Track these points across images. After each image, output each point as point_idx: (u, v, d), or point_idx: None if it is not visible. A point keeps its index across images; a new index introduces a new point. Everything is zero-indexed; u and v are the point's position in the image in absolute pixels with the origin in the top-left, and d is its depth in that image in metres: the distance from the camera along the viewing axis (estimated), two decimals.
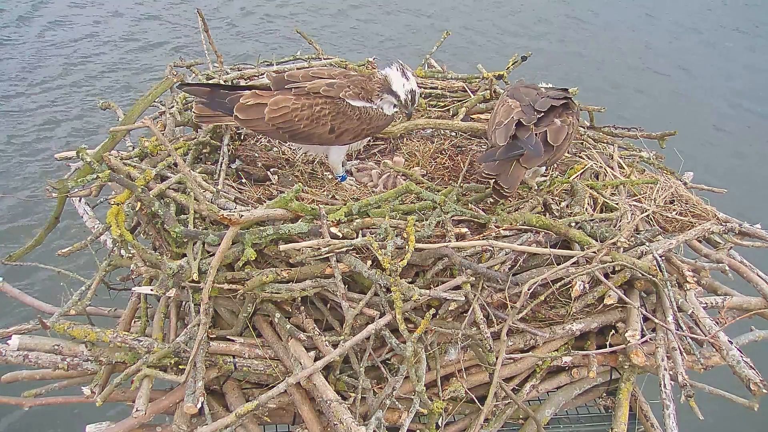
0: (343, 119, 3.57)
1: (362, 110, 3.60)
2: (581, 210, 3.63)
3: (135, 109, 3.97)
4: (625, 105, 12.23)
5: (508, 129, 3.45)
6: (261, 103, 3.60)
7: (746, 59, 15.60)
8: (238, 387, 3.36)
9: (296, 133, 3.63)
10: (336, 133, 3.61)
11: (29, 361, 3.13)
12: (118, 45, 13.12)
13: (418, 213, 3.35)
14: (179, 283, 3.06)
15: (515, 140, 3.43)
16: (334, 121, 3.57)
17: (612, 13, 17.55)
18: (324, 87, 3.61)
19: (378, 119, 3.64)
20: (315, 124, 3.57)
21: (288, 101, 3.59)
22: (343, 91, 3.60)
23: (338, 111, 3.56)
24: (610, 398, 3.83)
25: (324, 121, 3.57)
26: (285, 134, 3.66)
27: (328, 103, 3.57)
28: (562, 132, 3.56)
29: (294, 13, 15.12)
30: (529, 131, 3.45)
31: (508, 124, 3.47)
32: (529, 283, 3.14)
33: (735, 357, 3.08)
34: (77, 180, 3.49)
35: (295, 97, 3.60)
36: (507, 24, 16.06)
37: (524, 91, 3.74)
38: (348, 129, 3.59)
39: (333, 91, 3.59)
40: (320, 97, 3.58)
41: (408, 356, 2.89)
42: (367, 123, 3.62)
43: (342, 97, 3.60)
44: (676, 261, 3.63)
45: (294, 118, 3.56)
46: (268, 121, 3.58)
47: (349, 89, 3.62)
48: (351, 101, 3.59)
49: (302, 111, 3.56)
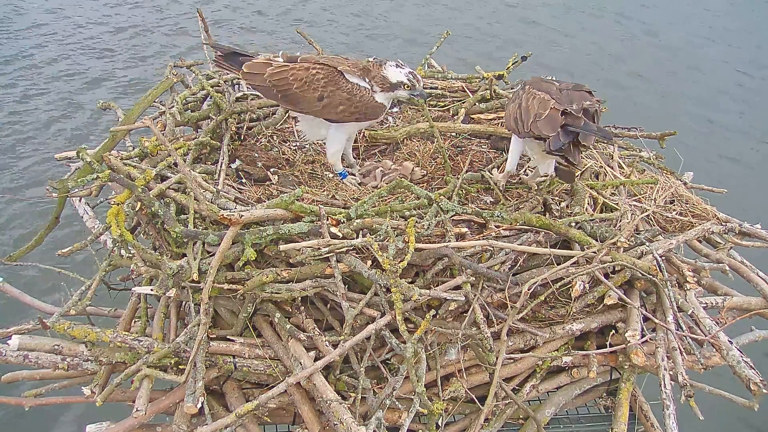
0: (334, 89, 3.62)
1: (354, 86, 3.65)
2: (581, 210, 3.63)
3: (135, 109, 3.97)
4: (625, 105, 12.24)
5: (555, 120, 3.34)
6: (266, 63, 3.74)
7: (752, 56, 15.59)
8: (238, 387, 3.36)
9: (287, 94, 3.69)
10: (324, 102, 3.65)
11: (29, 361, 3.13)
12: (118, 44, 13.12)
13: (416, 211, 3.35)
14: (179, 283, 3.06)
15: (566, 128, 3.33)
16: (324, 89, 3.63)
17: (615, 12, 17.56)
18: (326, 59, 3.73)
19: (368, 101, 3.68)
20: (306, 87, 3.64)
21: (289, 66, 3.71)
22: (342, 65, 3.68)
23: (331, 79, 3.63)
24: (610, 398, 3.83)
25: (315, 86, 3.63)
26: (278, 94, 3.73)
27: (323, 70, 3.66)
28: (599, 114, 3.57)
29: (296, 16, 15.13)
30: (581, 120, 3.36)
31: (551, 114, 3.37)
32: (529, 283, 3.14)
33: (735, 357, 3.08)
34: (77, 180, 3.49)
35: (296, 64, 3.73)
36: (506, 24, 16.07)
37: (545, 86, 3.69)
38: (335, 101, 3.63)
39: (332, 62, 3.69)
40: (318, 64, 3.68)
41: (408, 356, 2.89)
42: (357, 100, 3.65)
43: (339, 69, 3.67)
44: (676, 261, 3.63)
45: (289, 76, 3.65)
46: (266, 77, 3.68)
47: (350, 67, 3.70)
48: (346, 74, 3.66)
49: (298, 71, 3.66)
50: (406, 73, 3.72)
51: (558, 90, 3.59)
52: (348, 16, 15.70)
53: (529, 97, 3.61)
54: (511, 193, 3.97)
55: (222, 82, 4.58)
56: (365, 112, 3.73)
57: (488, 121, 4.73)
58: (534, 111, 3.47)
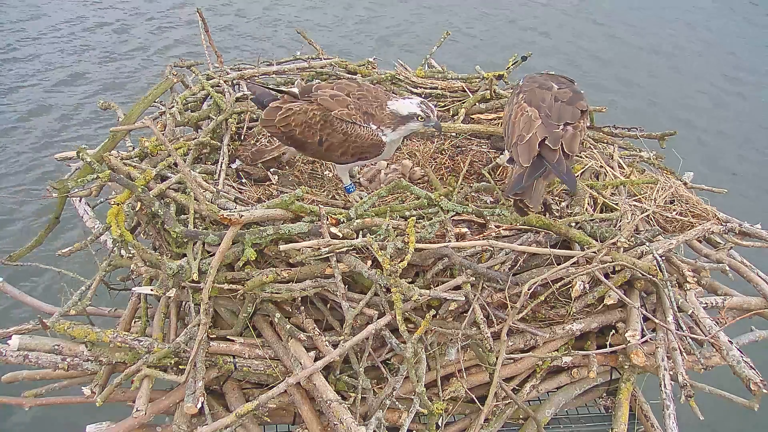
0: (329, 131, 3.46)
1: (349, 126, 3.45)
2: (581, 210, 3.63)
3: (135, 109, 3.97)
4: (625, 105, 12.24)
5: (531, 149, 3.31)
6: (279, 106, 3.60)
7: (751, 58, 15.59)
8: (238, 387, 3.36)
9: (294, 139, 3.58)
10: (324, 146, 3.51)
11: (29, 361, 3.13)
12: (119, 45, 13.12)
13: (417, 211, 3.35)
14: (179, 283, 3.06)
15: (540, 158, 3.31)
16: (322, 132, 3.48)
17: (616, 10, 17.55)
18: (326, 98, 3.52)
19: (366, 139, 3.47)
20: (307, 132, 3.51)
21: (294, 106, 3.56)
22: (339, 107, 3.48)
23: (326, 121, 3.46)
24: (610, 398, 3.83)
25: (314, 130, 3.49)
26: (288, 140, 3.63)
27: (319, 112, 3.49)
28: (576, 140, 3.45)
29: (297, 16, 15.10)
30: (557, 154, 3.31)
31: (530, 141, 3.33)
32: (529, 283, 3.15)
33: (735, 357, 3.08)
34: (77, 180, 3.49)
35: (301, 103, 3.57)
36: (508, 24, 16.07)
37: (540, 94, 3.59)
38: (333, 143, 3.47)
39: (328, 103, 3.49)
40: (316, 105, 3.51)
41: (408, 356, 2.89)
42: (353, 141, 3.46)
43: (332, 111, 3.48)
44: (676, 261, 3.63)
45: (291, 122, 3.53)
46: (276, 123, 3.58)
47: (349, 109, 3.49)
48: (340, 117, 3.46)
49: (297, 115, 3.52)
50: (417, 103, 3.47)
51: (553, 99, 3.53)
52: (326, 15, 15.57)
53: (518, 112, 3.55)
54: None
55: (222, 82, 4.58)
56: (366, 148, 3.50)
57: (488, 121, 4.73)
58: (518, 132, 3.44)
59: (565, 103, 3.53)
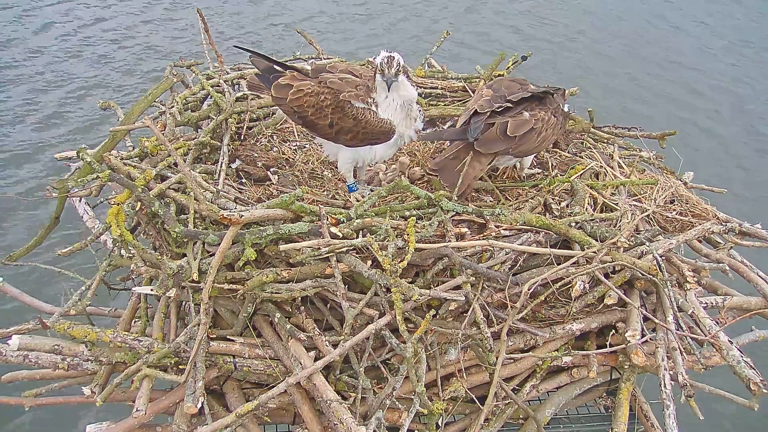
0: (341, 115, 3.51)
1: (359, 111, 3.51)
2: (581, 210, 3.63)
3: (135, 109, 3.97)
4: (625, 105, 12.23)
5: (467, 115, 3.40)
6: (290, 84, 3.61)
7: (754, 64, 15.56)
8: (238, 387, 3.36)
9: (305, 120, 3.61)
10: (335, 129, 3.56)
11: (29, 361, 3.14)
12: (119, 45, 13.12)
13: (417, 211, 3.35)
14: (179, 283, 3.06)
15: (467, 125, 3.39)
16: (333, 115, 3.53)
17: (616, 11, 17.54)
18: (335, 80, 3.56)
19: (375, 124, 3.52)
20: (318, 114, 3.55)
21: (306, 87, 3.58)
22: (348, 89, 3.53)
23: (337, 105, 3.51)
24: (610, 398, 3.83)
25: (325, 113, 3.54)
26: (299, 120, 3.66)
27: (329, 95, 3.53)
28: (526, 125, 3.51)
29: (296, 15, 15.10)
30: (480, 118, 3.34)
31: (468, 110, 3.44)
32: (529, 283, 3.14)
33: (735, 357, 3.08)
34: (77, 180, 3.49)
35: (313, 84, 3.60)
36: (508, 24, 16.06)
37: (507, 84, 3.67)
38: (344, 127, 3.53)
39: (338, 85, 3.55)
40: (326, 88, 3.54)
41: (408, 356, 2.89)
42: (363, 126, 3.52)
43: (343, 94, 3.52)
44: (676, 261, 3.63)
45: (304, 104, 3.56)
46: (288, 102, 3.60)
47: (356, 89, 3.54)
48: (351, 100, 3.52)
49: (310, 97, 3.55)
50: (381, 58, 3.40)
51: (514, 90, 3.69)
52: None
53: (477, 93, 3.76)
54: (511, 193, 3.98)
55: (222, 82, 4.58)
56: (375, 133, 3.55)
57: None
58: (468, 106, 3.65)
59: (528, 91, 3.61)
